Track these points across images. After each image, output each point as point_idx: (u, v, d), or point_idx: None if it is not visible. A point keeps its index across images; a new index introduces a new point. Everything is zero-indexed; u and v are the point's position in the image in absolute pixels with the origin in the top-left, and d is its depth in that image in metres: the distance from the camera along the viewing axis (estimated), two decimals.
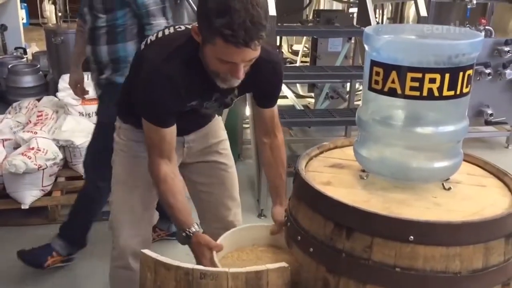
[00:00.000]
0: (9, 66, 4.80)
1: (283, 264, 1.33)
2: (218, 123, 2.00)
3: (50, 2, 7.10)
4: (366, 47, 1.39)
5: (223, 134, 2.01)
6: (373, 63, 1.34)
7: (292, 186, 1.52)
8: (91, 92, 2.71)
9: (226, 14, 1.33)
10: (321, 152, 1.66)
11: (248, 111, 3.81)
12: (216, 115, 1.99)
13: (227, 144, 2.00)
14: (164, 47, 1.58)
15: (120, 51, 2.28)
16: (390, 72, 1.30)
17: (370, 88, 1.37)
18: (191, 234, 1.61)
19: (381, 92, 1.33)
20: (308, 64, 5.53)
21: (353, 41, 4.52)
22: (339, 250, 1.27)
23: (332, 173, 1.52)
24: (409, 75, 1.27)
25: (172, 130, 1.63)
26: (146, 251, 1.27)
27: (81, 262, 2.65)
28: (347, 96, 4.44)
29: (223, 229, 1.76)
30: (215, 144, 1.96)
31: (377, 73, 1.33)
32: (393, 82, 1.30)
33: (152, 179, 1.69)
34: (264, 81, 1.66)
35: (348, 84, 4.47)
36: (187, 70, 1.53)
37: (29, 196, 2.93)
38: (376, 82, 1.34)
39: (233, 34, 1.34)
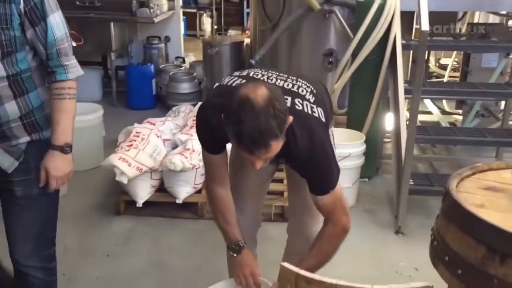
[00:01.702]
0: (170, 74, 5.36)
1: (428, 284, 1.32)
2: None
3: (208, 15, 7.75)
4: None
5: None
6: None
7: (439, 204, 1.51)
8: None
9: (237, 124, 1.43)
10: (474, 173, 1.62)
11: (389, 125, 3.77)
12: None
13: None
14: (220, 96, 1.72)
15: (33, 101, 1.75)
16: None
17: None
18: (243, 246, 1.85)
19: None
20: (457, 79, 5.25)
21: (511, 56, 4.20)
22: (491, 275, 1.24)
23: (486, 195, 1.47)
24: None
25: (219, 158, 1.80)
26: (286, 264, 1.36)
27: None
28: (501, 115, 4.13)
29: (299, 234, 2.02)
30: None
31: None
32: None
33: (207, 196, 1.91)
34: (301, 169, 1.71)
35: (503, 103, 4.16)
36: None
37: (182, 192, 3.25)
38: None
39: (239, 145, 1.46)
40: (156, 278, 2.67)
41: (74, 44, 1.83)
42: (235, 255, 1.86)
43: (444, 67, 5.97)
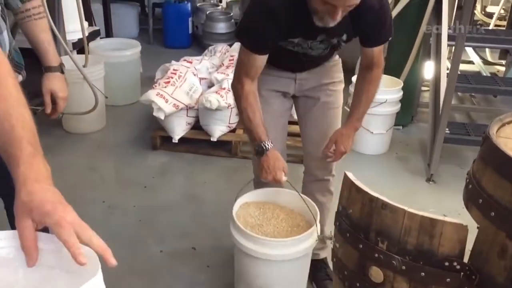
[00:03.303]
0: (207, 13, 5.31)
1: (461, 221, 1.35)
2: (335, 66, 2.04)
3: None
4: None
5: (338, 76, 2.05)
6: None
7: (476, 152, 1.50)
8: None
9: None
10: None
11: (428, 74, 3.68)
12: (335, 57, 2.02)
13: (338, 85, 2.04)
14: None
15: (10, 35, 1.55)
16: None
17: None
18: (268, 147, 1.81)
19: None
20: (503, 29, 5.03)
21: None
22: None
23: None
24: None
25: (264, 57, 1.75)
26: (348, 173, 1.44)
27: None
28: None
29: (313, 160, 2.06)
30: (326, 84, 2.01)
31: None
32: None
33: (234, 95, 1.86)
34: (368, 27, 1.75)
35: None
36: (291, 5, 1.62)
37: (217, 130, 3.31)
38: None
39: None
40: (191, 210, 2.79)
41: None
42: (261, 157, 1.82)
43: (490, 15, 5.71)
